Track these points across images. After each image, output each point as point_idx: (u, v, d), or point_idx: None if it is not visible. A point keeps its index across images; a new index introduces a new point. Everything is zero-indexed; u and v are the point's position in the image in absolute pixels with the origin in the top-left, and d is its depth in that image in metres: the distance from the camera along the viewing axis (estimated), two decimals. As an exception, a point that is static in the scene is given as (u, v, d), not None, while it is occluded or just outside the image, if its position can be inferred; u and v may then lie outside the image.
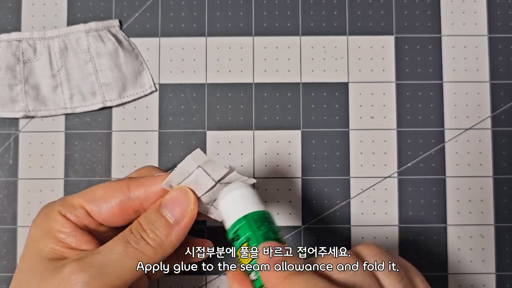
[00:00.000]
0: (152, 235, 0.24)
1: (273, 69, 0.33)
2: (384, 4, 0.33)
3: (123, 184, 0.26)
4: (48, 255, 0.24)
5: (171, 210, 0.25)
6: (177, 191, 0.25)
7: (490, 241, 0.32)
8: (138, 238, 0.24)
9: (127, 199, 0.25)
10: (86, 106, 0.32)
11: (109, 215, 0.25)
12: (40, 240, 0.25)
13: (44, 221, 0.25)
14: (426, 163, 0.33)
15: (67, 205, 0.26)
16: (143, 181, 0.26)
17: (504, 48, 0.33)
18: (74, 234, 0.25)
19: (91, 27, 0.32)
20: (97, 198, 0.25)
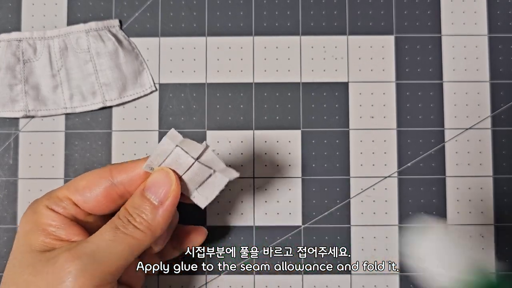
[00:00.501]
0: (139, 219, 0.24)
1: (273, 69, 0.33)
2: (384, 4, 0.33)
3: (106, 171, 0.26)
4: (39, 248, 0.24)
5: (155, 192, 0.25)
6: (158, 173, 0.25)
7: (490, 241, 0.32)
8: (126, 223, 0.24)
9: (111, 185, 0.26)
10: (86, 106, 0.32)
11: (95, 203, 0.26)
12: (30, 234, 0.25)
13: (32, 215, 0.26)
14: (426, 163, 0.33)
15: (53, 198, 0.26)
16: (124, 166, 0.26)
17: (504, 48, 0.33)
18: (63, 227, 0.25)
19: (91, 27, 0.32)
20: (81, 188, 0.26)
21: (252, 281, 0.32)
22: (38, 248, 0.24)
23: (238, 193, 0.32)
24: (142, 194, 0.25)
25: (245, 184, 0.32)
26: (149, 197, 0.25)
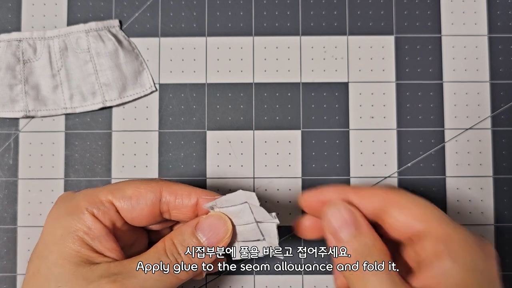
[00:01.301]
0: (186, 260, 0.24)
1: (273, 69, 0.33)
2: (384, 4, 0.33)
3: (156, 187, 0.25)
4: (74, 260, 0.23)
5: (208, 235, 0.25)
6: (216, 218, 0.25)
7: (490, 241, 0.32)
8: (173, 262, 0.24)
9: (158, 202, 0.25)
10: (86, 106, 0.32)
11: (138, 215, 0.25)
12: (63, 241, 0.24)
13: (67, 217, 0.24)
14: (426, 163, 0.33)
15: (95, 201, 0.25)
16: (176, 189, 0.25)
17: (504, 48, 0.33)
18: (100, 237, 0.24)
19: (91, 27, 0.32)
20: (128, 196, 0.25)
21: (252, 281, 0.32)
22: (73, 260, 0.23)
23: (238, 193, 0.32)
24: (193, 233, 0.25)
25: (245, 184, 0.32)
26: (200, 238, 0.24)
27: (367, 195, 0.24)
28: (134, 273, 0.23)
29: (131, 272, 0.23)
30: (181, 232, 0.25)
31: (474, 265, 0.22)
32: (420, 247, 0.23)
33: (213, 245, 0.25)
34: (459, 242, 0.22)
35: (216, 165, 0.33)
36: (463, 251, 0.22)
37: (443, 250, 0.22)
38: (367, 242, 0.23)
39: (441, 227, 0.22)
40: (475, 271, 0.22)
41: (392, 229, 0.24)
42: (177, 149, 0.33)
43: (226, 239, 0.25)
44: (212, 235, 0.25)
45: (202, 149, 0.33)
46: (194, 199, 0.25)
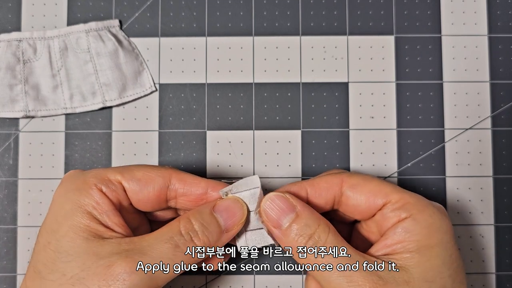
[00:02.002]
0: (203, 238, 0.24)
1: (273, 69, 0.33)
2: (384, 4, 0.33)
3: (166, 173, 0.26)
4: (84, 234, 0.23)
5: (225, 217, 0.25)
6: (234, 201, 0.25)
7: (490, 241, 0.32)
8: (188, 241, 0.24)
9: (166, 188, 0.25)
10: (86, 106, 0.32)
11: (145, 198, 0.25)
12: (72, 215, 0.24)
13: (75, 192, 0.24)
14: (426, 163, 0.33)
15: (103, 179, 0.25)
16: (185, 177, 0.26)
17: (504, 48, 0.33)
18: (108, 213, 0.24)
19: (91, 27, 0.32)
20: (137, 178, 0.25)
21: (252, 281, 0.32)
22: (83, 234, 0.23)
23: (238, 193, 0.32)
24: (211, 212, 0.25)
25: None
26: (217, 219, 0.25)
27: (323, 185, 0.26)
28: (145, 250, 0.23)
29: (142, 248, 0.23)
30: (198, 211, 0.25)
31: (432, 223, 0.24)
32: (382, 219, 0.25)
33: (229, 227, 0.25)
34: (417, 205, 0.24)
35: (216, 165, 0.33)
36: (421, 212, 0.24)
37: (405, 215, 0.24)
38: (306, 222, 0.24)
39: (398, 196, 0.24)
40: (434, 228, 0.24)
41: (355, 211, 0.26)
42: (177, 149, 0.33)
43: (241, 223, 0.25)
44: (229, 217, 0.25)
45: (202, 149, 0.33)
46: (203, 188, 0.26)
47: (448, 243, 0.24)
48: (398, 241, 0.24)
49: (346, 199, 0.26)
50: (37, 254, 0.24)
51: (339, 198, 0.26)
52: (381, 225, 0.25)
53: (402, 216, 0.24)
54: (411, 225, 0.24)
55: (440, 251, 0.23)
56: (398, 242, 0.24)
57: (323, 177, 0.26)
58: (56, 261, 0.23)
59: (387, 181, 0.26)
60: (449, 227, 0.25)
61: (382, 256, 0.24)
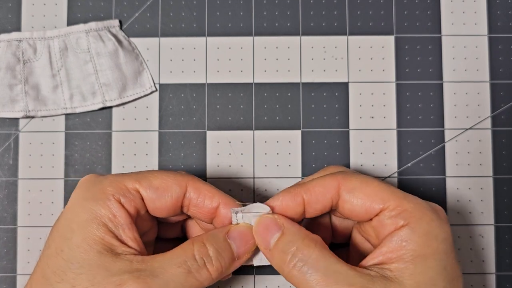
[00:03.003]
0: (217, 265, 0.24)
1: (273, 69, 0.33)
2: (384, 4, 0.33)
3: (182, 179, 0.25)
4: (97, 247, 0.23)
5: (238, 244, 0.25)
6: (246, 228, 0.25)
7: (490, 241, 0.32)
8: (201, 266, 0.23)
9: (182, 196, 0.25)
10: (86, 106, 0.32)
11: (162, 206, 0.25)
12: (88, 226, 0.23)
13: (93, 202, 0.24)
14: (426, 163, 0.33)
15: (121, 188, 0.25)
16: (201, 187, 0.26)
17: (504, 48, 0.33)
18: (123, 227, 0.24)
19: (91, 27, 0.32)
20: (155, 186, 0.25)
21: (252, 281, 0.32)
22: (97, 247, 0.23)
23: (238, 193, 0.32)
24: (225, 238, 0.25)
25: (245, 184, 0.32)
26: (231, 245, 0.25)
27: (319, 190, 0.25)
28: (157, 272, 0.23)
29: (154, 270, 0.23)
30: (213, 235, 0.25)
31: (429, 231, 0.23)
32: (379, 225, 0.24)
33: (241, 254, 0.25)
34: (415, 212, 0.24)
35: (216, 165, 0.33)
36: (418, 220, 0.23)
37: (402, 223, 0.23)
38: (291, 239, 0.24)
39: (396, 203, 0.24)
40: (430, 236, 0.23)
41: (352, 214, 0.25)
42: (177, 149, 0.33)
43: (252, 251, 0.25)
44: (242, 244, 0.25)
45: (202, 149, 0.33)
46: (216, 202, 0.25)
47: (444, 253, 0.23)
48: (394, 250, 0.23)
49: (343, 203, 0.25)
50: (47, 259, 0.24)
51: (337, 201, 0.25)
52: (378, 231, 0.25)
53: (399, 224, 0.23)
54: (407, 234, 0.23)
55: (435, 262, 0.23)
56: (393, 251, 0.23)
57: (319, 180, 0.26)
58: (67, 271, 0.23)
59: (387, 183, 0.25)
60: (447, 234, 0.24)
61: (376, 264, 0.24)
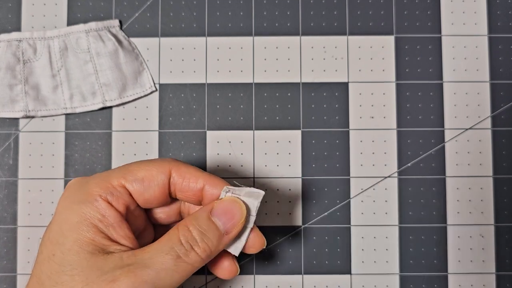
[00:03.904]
0: (203, 246, 0.24)
1: (273, 69, 0.33)
2: (384, 4, 0.33)
3: (165, 167, 0.25)
4: (89, 248, 0.23)
5: (224, 220, 0.24)
6: (232, 203, 0.25)
7: (490, 241, 0.32)
8: (189, 250, 0.24)
9: (167, 182, 0.25)
10: (86, 106, 0.32)
11: (151, 196, 0.25)
12: (78, 228, 0.24)
13: (81, 205, 0.24)
14: (426, 163, 0.33)
15: (107, 187, 0.25)
16: (185, 172, 0.25)
17: (504, 48, 0.33)
18: (114, 226, 0.24)
19: (91, 27, 0.32)
20: (140, 178, 0.25)
21: (252, 281, 0.32)
22: (88, 248, 0.23)
23: (238, 193, 0.32)
24: (209, 217, 0.24)
25: (245, 184, 0.32)
26: (216, 223, 0.24)
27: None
28: (147, 263, 0.23)
29: (144, 262, 0.23)
30: (195, 217, 0.25)
31: None
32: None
33: (229, 229, 0.25)
34: None
35: (216, 165, 0.33)
36: None
37: None
38: None
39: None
40: None
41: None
42: (177, 149, 0.33)
43: (241, 223, 0.25)
44: (228, 219, 0.24)
45: (202, 149, 0.33)
46: (201, 183, 0.25)
47: None
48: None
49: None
50: (40, 265, 0.24)
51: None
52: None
53: None
54: None
55: None
56: None
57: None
58: (61, 274, 0.23)
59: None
60: None
61: None
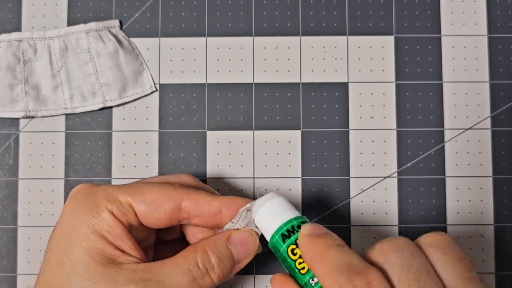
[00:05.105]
0: (219, 271, 0.24)
1: (273, 69, 0.33)
2: (384, 4, 0.33)
3: (176, 194, 0.25)
4: (99, 259, 0.23)
5: (240, 249, 0.25)
6: (248, 233, 0.26)
7: (490, 241, 0.32)
8: (204, 274, 0.24)
9: (178, 210, 0.25)
10: (86, 106, 0.33)
11: (156, 220, 0.25)
12: (88, 239, 0.24)
13: (90, 215, 0.24)
14: (426, 163, 0.33)
15: (114, 201, 0.25)
16: (198, 198, 0.25)
17: (504, 48, 0.33)
18: (122, 237, 0.24)
19: (91, 27, 0.32)
20: (148, 201, 0.25)
21: (252, 281, 0.32)
22: (98, 259, 0.23)
23: (238, 193, 0.32)
24: (227, 244, 0.25)
25: (245, 184, 0.33)
26: (232, 251, 0.25)
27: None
28: (162, 281, 0.23)
29: (159, 279, 0.23)
30: (214, 242, 0.25)
31: None
32: None
33: (242, 259, 0.26)
34: None
35: (216, 165, 0.33)
36: None
37: None
38: None
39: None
40: None
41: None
42: (177, 149, 0.33)
43: (252, 254, 0.26)
44: (242, 250, 0.25)
45: (202, 149, 0.33)
46: (216, 208, 0.25)
47: None
48: None
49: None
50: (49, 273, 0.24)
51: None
52: None
53: None
54: None
55: None
56: None
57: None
58: (71, 284, 0.23)
59: None
60: None
61: None
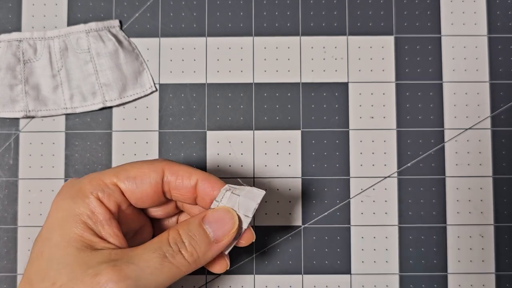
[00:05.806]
0: (190, 249, 0.24)
1: (273, 69, 0.33)
2: (384, 4, 0.33)
3: (158, 166, 0.25)
4: (76, 244, 0.23)
5: (215, 228, 0.25)
6: (224, 211, 0.25)
7: (490, 241, 0.32)
8: (175, 252, 0.24)
9: (161, 181, 0.25)
10: (86, 106, 0.33)
11: (142, 195, 0.25)
12: (65, 224, 0.24)
13: (70, 201, 0.24)
14: (426, 163, 0.33)
15: (99, 184, 0.25)
16: (178, 169, 0.26)
17: (504, 48, 0.33)
18: (103, 223, 0.24)
19: (91, 27, 0.32)
20: (132, 176, 0.25)
21: (252, 281, 0.32)
22: (75, 244, 0.23)
23: (238, 193, 0.32)
24: (200, 224, 0.25)
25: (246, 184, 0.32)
26: (206, 230, 0.25)
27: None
28: (133, 259, 0.23)
29: (130, 258, 0.23)
30: (187, 222, 0.25)
31: None
32: None
33: (220, 238, 0.25)
34: None
35: (216, 165, 0.33)
36: None
37: None
38: None
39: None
40: None
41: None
42: (177, 149, 0.33)
43: (232, 233, 0.25)
44: (218, 227, 0.25)
45: (202, 149, 0.33)
46: (194, 180, 0.26)
47: None
48: None
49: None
50: (31, 264, 0.24)
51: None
52: None
53: None
54: None
55: None
56: None
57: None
58: (48, 269, 0.23)
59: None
60: None
61: None
